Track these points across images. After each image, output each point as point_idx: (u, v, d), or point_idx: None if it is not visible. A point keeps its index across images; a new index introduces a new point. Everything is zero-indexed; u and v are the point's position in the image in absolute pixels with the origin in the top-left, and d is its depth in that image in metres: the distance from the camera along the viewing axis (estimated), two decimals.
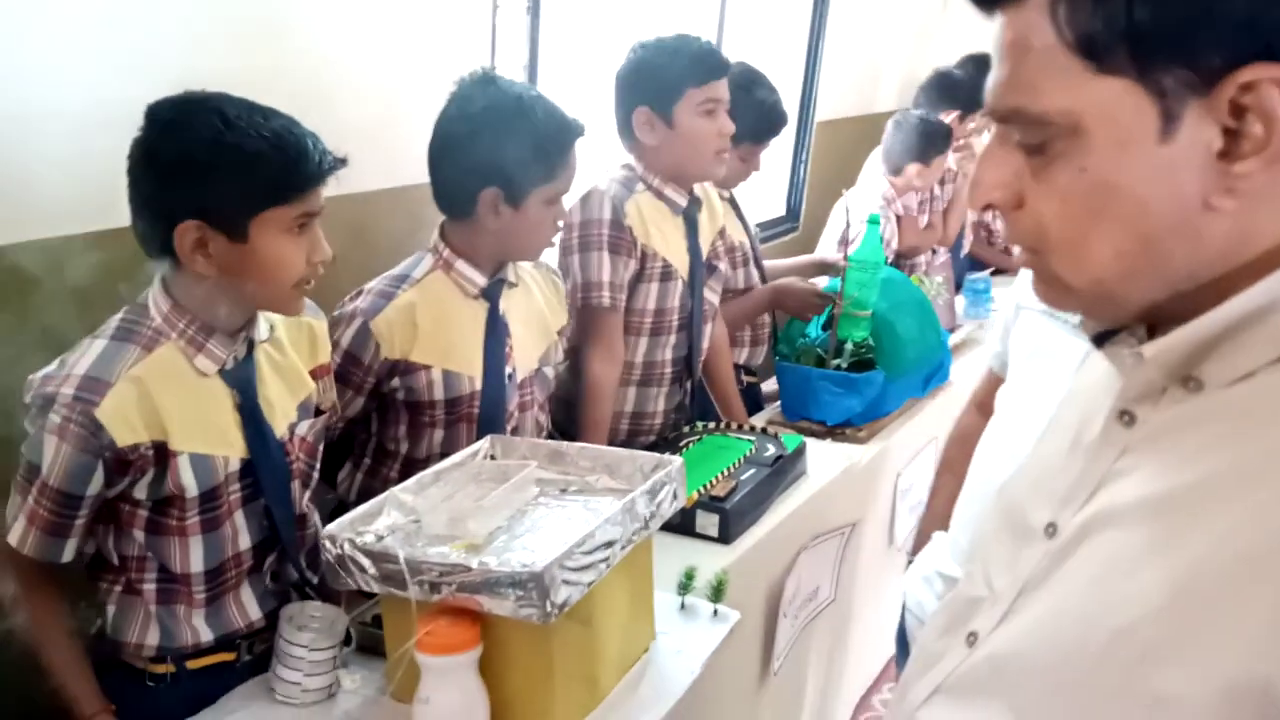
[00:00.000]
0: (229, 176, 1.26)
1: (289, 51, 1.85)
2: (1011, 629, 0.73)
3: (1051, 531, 0.73)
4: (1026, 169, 0.67)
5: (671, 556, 1.68)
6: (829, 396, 2.38)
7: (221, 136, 1.25)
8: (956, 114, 3.50)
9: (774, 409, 2.54)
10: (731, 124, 2.12)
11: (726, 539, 1.87)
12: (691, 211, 2.20)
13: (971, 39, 3.69)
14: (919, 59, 4.22)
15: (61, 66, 1.54)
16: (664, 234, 2.15)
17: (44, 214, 1.58)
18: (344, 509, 1.49)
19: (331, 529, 1.31)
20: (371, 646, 1.48)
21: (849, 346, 2.41)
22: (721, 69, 2.11)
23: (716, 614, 1.61)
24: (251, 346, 1.42)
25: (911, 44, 4.39)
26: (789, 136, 3.62)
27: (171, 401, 1.33)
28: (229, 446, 1.39)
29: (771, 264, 2.85)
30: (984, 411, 1.74)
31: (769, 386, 2.74)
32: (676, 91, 2.06)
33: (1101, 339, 0.74)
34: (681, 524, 1.85)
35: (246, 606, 1.46)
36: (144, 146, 1.28)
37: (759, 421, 2.39)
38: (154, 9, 1.63)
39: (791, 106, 3.54)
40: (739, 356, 2.66)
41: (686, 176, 2.16)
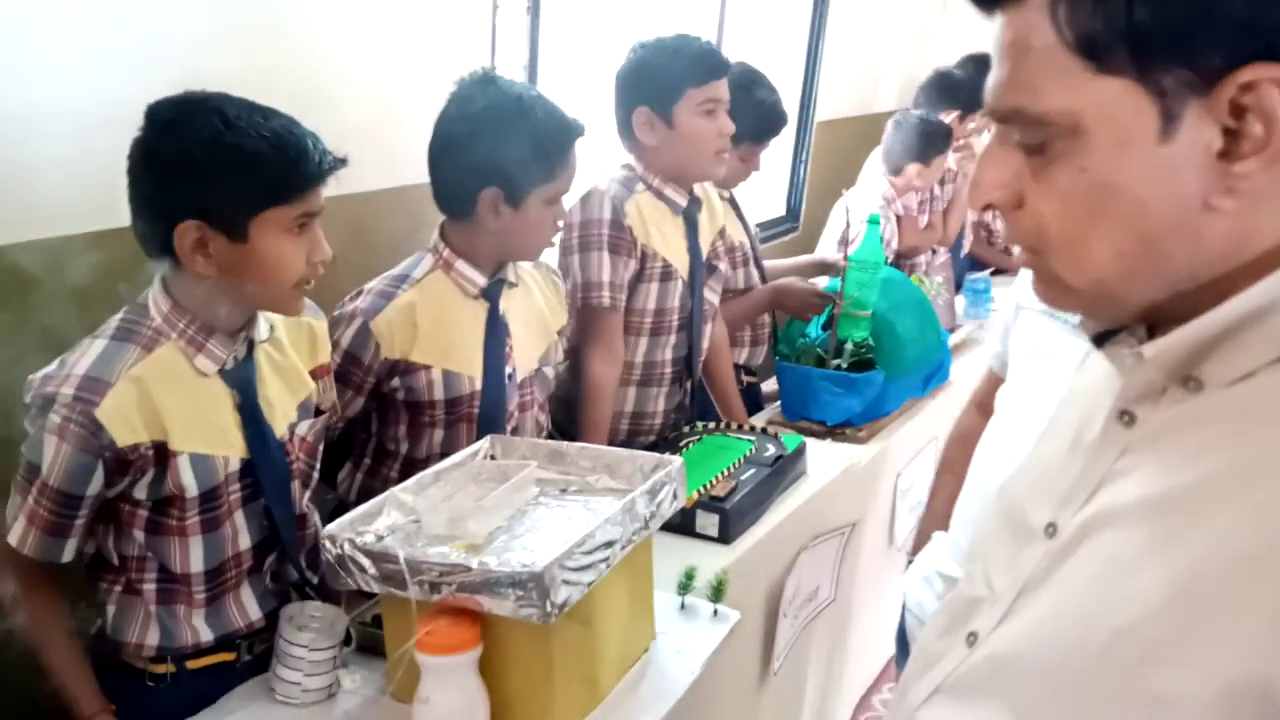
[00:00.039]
0: (229, 176, 1.26)
1: (289, 51, 1.85)
2: (1011, 629, 0.73)
3: (1051, 531, 0.72)
4: (1026, 169, 0.67)
5: (671, 556, 1.68)
6: (829, 396, 2.38)
7: (221, 136, 1.25)
8: (957, 114, 3.49)
9: (774, 409, 2.54)
10: (731, 124, 2.12)
11: (726, 539, 1.87)
12: (691, 211, 2.20)
13: (971, 39, 3.69)
14: (919, 59, 4.22)
15: (62, 66, 1.54)
16: (664, 234, 2.15)
17: (44, 214, 1.58)
18: (344, 509, 1.49)
19: (331, 529, 1.31)
20: (371, 646, 1.48)
21: (849, 346, 2.41)
22: (721, 69, 2.11)
23: (716, 614, 1.61)
24: (251, 346, 1.42)
25: (911, 44, 4.39)
26: (789, 136, 3.62)
27: (171, 401, 1.33)
28: (229, 446, 1.39)
29: (771, 264, 2.85)
30: (984, 411, 1.74)
31: (769, 386, 2.74)
32: (676, 91, 2.06)
33: (1102, 339, 0.74)
34: (681, 524, 1.85)
35: (246, 606, 1.46)
36: (144, 146, 1.28)
37: (759, 421, 2.38)
38: (154, 9, 1.63)
39: (791, 106, 3.54)
40: (739, 356, 2.66)
41: (686, 176, 2.16)
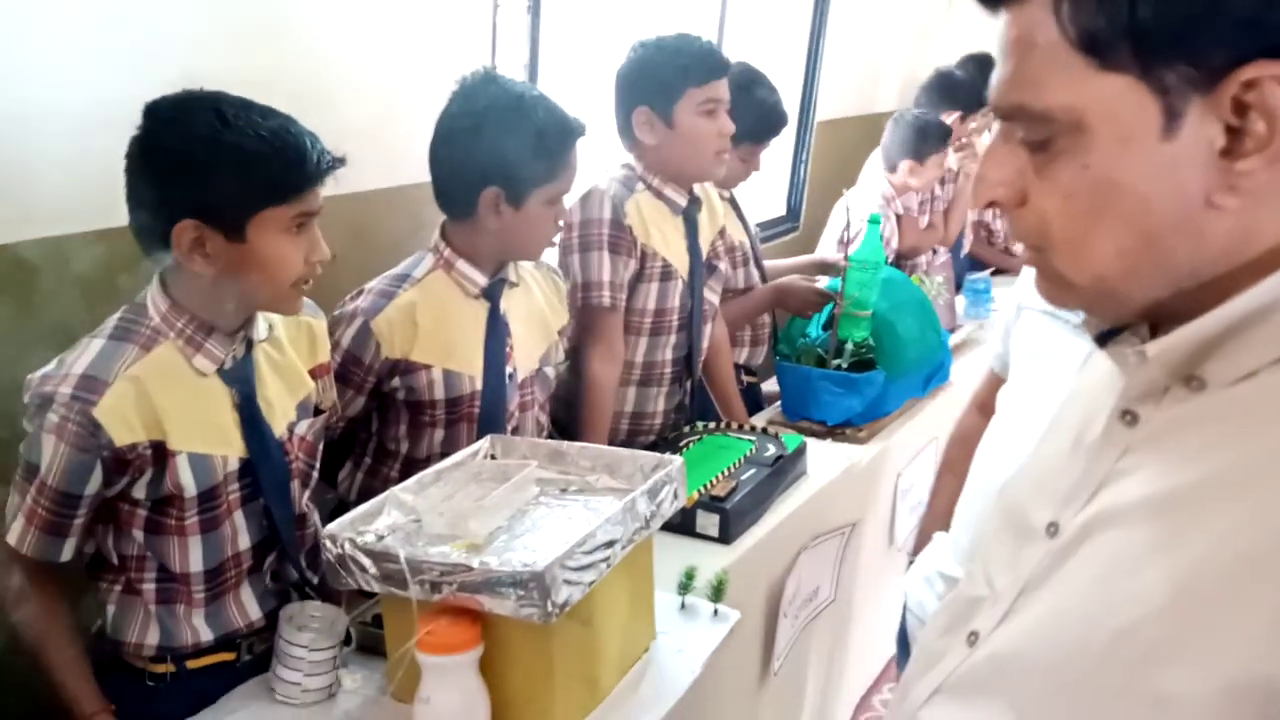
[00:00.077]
0: (226, 176, 1.26)
1: (289, 51, 1.85)
2: (1012, 628, 0.73)
3: (1053, 531, 0.72)
4: (1030, 166, 0.67)
5: (672, 556, 1.68)
6: (829, 396, 2.38)
7: (219, 136, 1.25)
8: (958, 114, 3.49)
9: (774, 409, 2.54)
10: (731, 124, 2.12)
11: (727, 539, 1.87)
12: (691, 211, 2.20)
13: (972, 38, 3.69)
14: (920, 59, 4.22)
15: (62, 65, 1.54)
16: (664, 234, 2.15)
17: (45, 212, 1.58)
18: (344, 508, 1.49)
19: (332, 528, 1.31)
20: (372, 646, 1.48)
21: (849, 346, 2.41)
22: (722, 69, 2.11)
23: (717, 614, 1.61)
24: (250, 346, 1.41)
25: (912, 44, 4.39)
26: (789, 136, 3.62)
27: (170, 401, 1.33)
28: (228, 446, 1.38)
29: (772, 264, 2.85)
30: (985, 412, 1.74)
31: (769, 386, 2.74)
32: (677, 91, 2.06)
33: (1104, 339, 0.74)
34: (682, 524, 1.85)
35: (246, 606, 1.46)
36: (142, 145, 1.28)
37: (759, 421, 2.38)
38: (154, 8, 1.63)
39: (792, 106, 3.54)
40: (739, 356, 2.66)
41: (686, 176, 2.16)
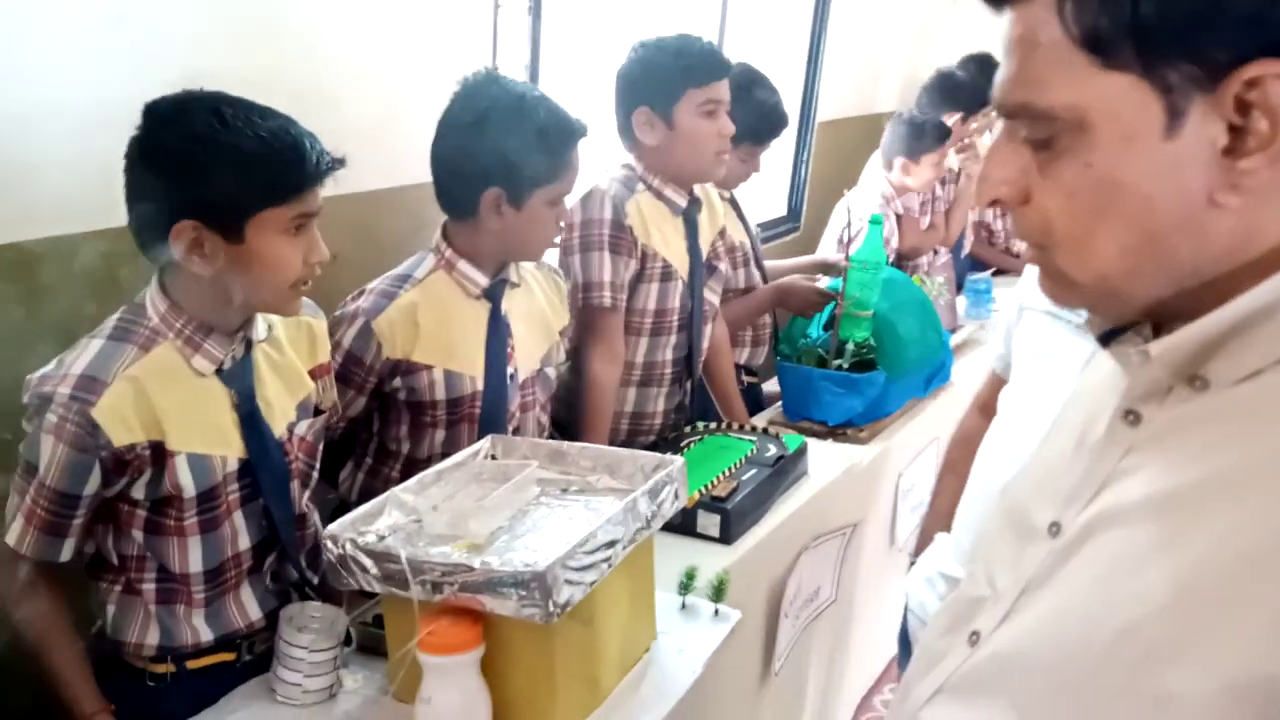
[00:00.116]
0: (225, 176, 1.26)
1: (290, 51, 1.84)
2: (1014, 628, 0.73)
3: (1055, 531, 0.72)
4: (1033, 165, 0.67)
5: (672, 556, 1.68)
6: (830, 397, 2.38)
7: (218, 136, 1.24)
8: (959, 115, 3.50)
9: (775, 409, 2.54)
10: (732, 125, 2.12)
11: (728, 539, 1.87)
12: (691, 212, 2.20)
13: (973, 38, 3.69)
14: (920, 59, 4.22)
15: (64, 65, 1.54)
16: (664, 234, 2.15)
17: (46, 212, 1.58)
18: (346, 509, 1.49)
19: (333, 529, 1.31)
20: (372, 646, 1.47)
21: (850, 347, 2.41)
22: (722, 70, 2.11)
23: (718, 614, 1.61)
24: (249, 346, 1.41)
25: (913, 44, 4.38)
26: (790, 136, 3.61)
27: (168, 401, 1.32)
28: (227, 446, 1.38)
29: (773, 264, 2.85)
30: (987, 413, 1.74)
31: (770, 387, 2.74)
32: (677, 92, 2.06)
33: (1108, 338, 0.74)
34: (683, 524, 1.85)
35: (246, 606, 1.46)
36: (141, 145, 1.28)
37: (760, 422, 2.38)
38: (155, 8, 1.63)
39: (793, 106, 3.55)
40: (740, 356, 2.66)
41: (686, 177, 2.16)
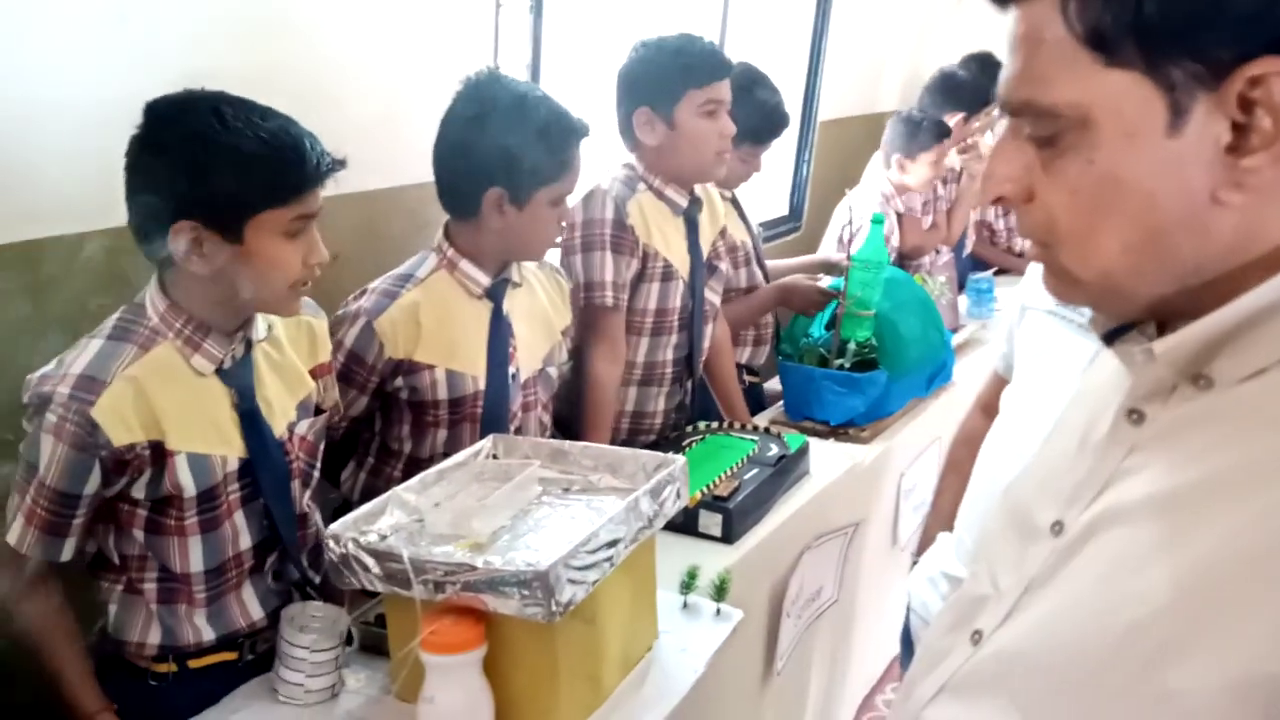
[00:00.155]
0: (224, 177, 1.25)
1: (292, 50, 1.84)
2: (1016, 627, 0.73)
3: (1058, 530, 0.72)
4: (1037, 162, 0.67)
5: (674, 556, 1.68)
6: (832, 396, 2.37)
7: (218, 136, 1.24)
8: (961, 115, 3.50)
9: (777, 409, 2.53)
10: (732, 125, 2.12)
11: (729, 538, 1.87)
12: (692, 212, 2.19)
13: (976, 37, 3.69)
14: (922, 58, 4.22)
15: (66, 63, 1.54)
16: (665, 234, 2.15)
17: (48, 211, 1.58)
18: (348, 508, 1.49)
19: (335, 528, 1.31)
20: (375, 646, 1.47)
21: (852, 346, 2.41)
22: (723, 70, 2.10)
23: (719, 613, 1.61)
24: (249, 346, 1.41)
25: (914, 42, 4.38)
26: (792, 136, 3.61)
27: (168, 401, 1.32)
28: (227, 446, 1.38)
29: (774, 264, 2.85)
30: (989, 413, 1.74)
31: (771, 386, 2.74)
32: (678, 92, 2.06)
33: (1111, 337, 0.73)
34: (684, 523, 1.85)
35: (248, 606, 1.46)
36: (141, 144, 1.28)
37: (762, 421, 2.38)
38: (157, 6, 1.63)
39: (794, 105, 3.54)
40: (741, 356, 2.66)
41: (686, 177, 2.16)
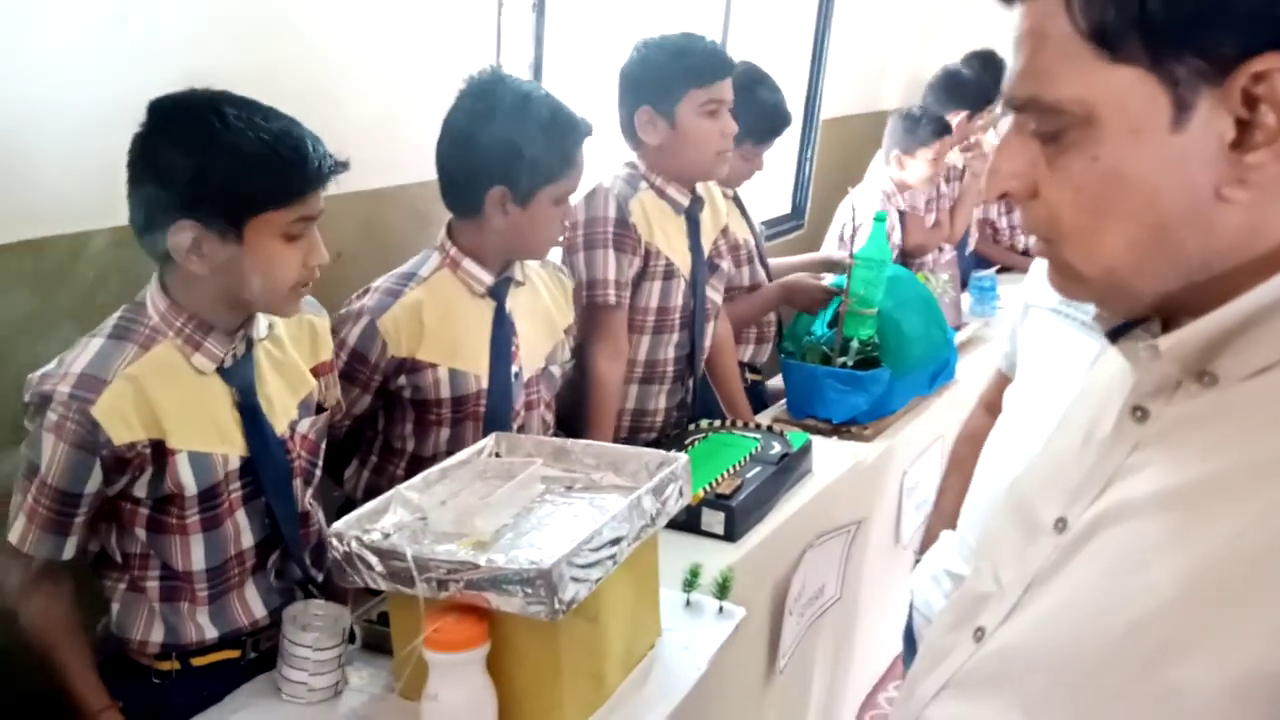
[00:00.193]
0: (224, 178, 1.25)
1: (294, 49, 1.84)
2: (1019, 624, 0.73)
3: (1061, 527, 0.72)
4: (1042, 158, 0.67)
5: (677, 554, 1.67)
6: (835, 394, 2.37)
7: (219, 137, 1.24)
8: (964, 114, 3.50)
9: (779, 407, 2.53)
10: (734, 124, 2.11)
11: (732, 536, 1.87)
12: (694, 211, 2.19)
13: (979, 34, 3.68)
14: (925, 55, 4.21)
15: (67, 64, 1.54)
16: (667, 233, 2.14)
17: (49, 211, 1.58)
18: (351, 506, 1.49)
19: (338, 526, 1.31)
20: (378, 644, 1.48)
21: (855, 344, 2.40)
22: (725, 69, 2.10)
23: (722, 611, 1.61)
24: (250, 344, 1.41)
25: (917, 40, 4.38)
26: (794, 134, 3.61)
27: (169, 400, 1.32)
28: (228, 444, 1.38)
29: (777, 262, 2.85)
30: (992, 412, 1.74)
31: (774, 384, 2.74)
32: (679, 92, 2.06)
33: (1116, 335, 0.73)
34: (687, 521, 1.85)
35: (251, 604, 1.46)
36: (142, 143, 1.28)
37: (764, 419, 2.38)
38: (159, 5, 1.63)
39: (797, 103, 3.54)
40: (744, 354, 2.66)
41: (688, 176, 2.16)
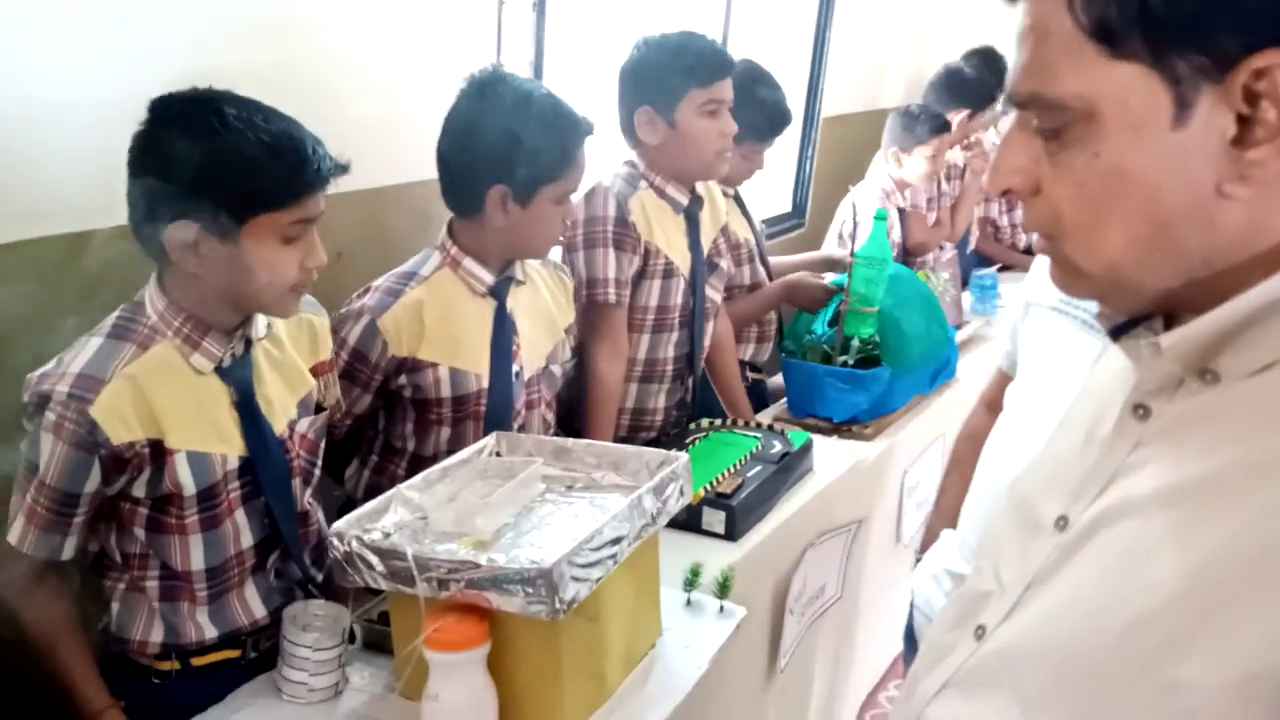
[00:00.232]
0: (223, 180, 1.25)
1: (295, 47, 1.84)
2: (1020, 622, 0.73)
3: (1062, 525, 0.72)
4: (1044, 155, 0.67)
5: (678, 553, 1.67)
6: (835, 393, 2.37)
7: (218, 137, 1.24)
8: (966, 113, 3.49)
9: (780, 406, 2.53)
10: (734, 124, 2.11)
11: (733, 536, 1.87)
12: (693, 210, 2.19)
13: (979, 32, 3.68)
14: (926, 53, 4.21)
15: (67, 63, 1.54)
16: (666, 232, 2.14)
17: (51, 210, 1.58)
18: (351, 506, 1.49)
19: (338, 526, 1.31)
20: (378, 644, 1.48)
21: (855, 343, 2.40)
22: (725, 69, 2.10)
23: (723, 610, 1.61)
24: (249, 344, 1.41)
25: (918, 38, 4.38)
26: (795, 132, 3.61)
27: (167, 399, 1.32)
28: (227, 444, 1.38)
29: (778, 260, 2.85)
30: (993, 410, 1.73)
31: (775, 383, 2.74)
32: (679, 92, 2.05)
33: (1118, 333, 0.73)
34: (688, 521, 1.85)
35: (250, 604, 1.46)
36: (141, 143, 1.27)
37: (765, 418, 2.38)
38: (159, 5, 1.63)
39: (797, 102, 3.54)
40: (745, 353, 2.66)
41: (687, 176, 2.16)
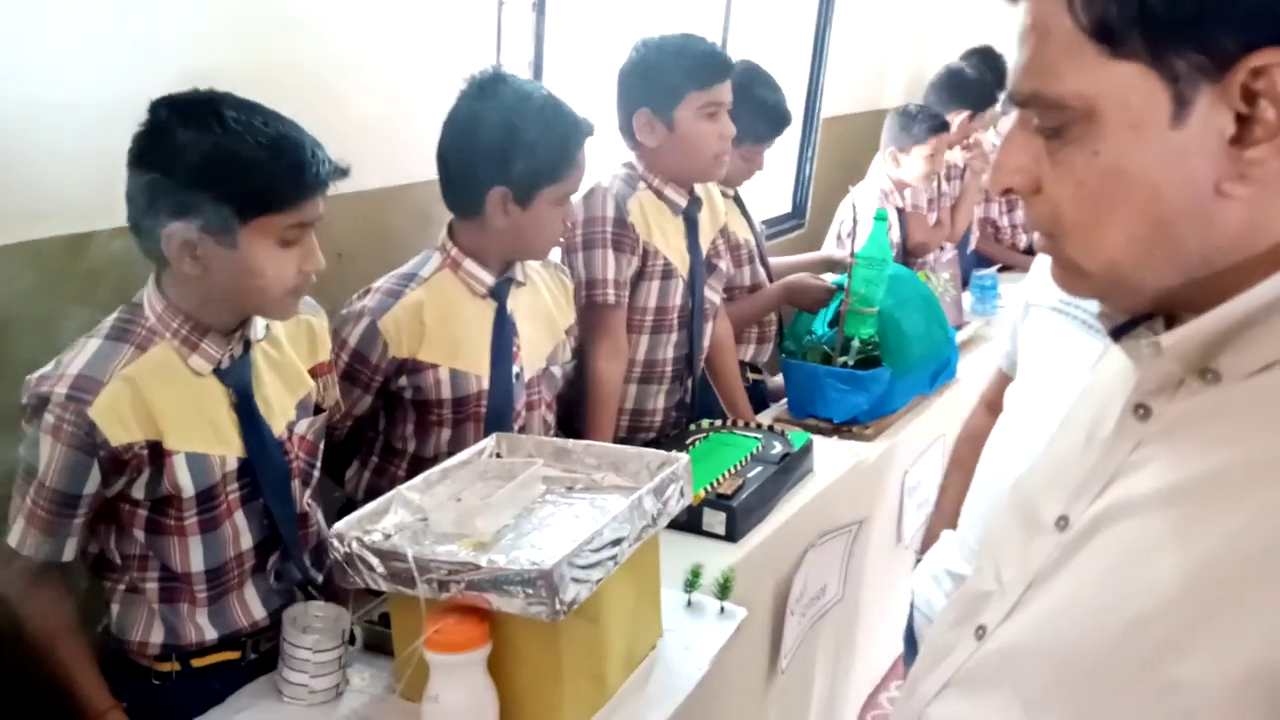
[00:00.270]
0: (221, 182, 1.24)
1: (295, 48, 1.84)
2: (1020, 622, 0.73)
3: (1063, 524, 0.72)
4: (1045, 153, 0.67)
5: (678, 554, 1.67)
6: (836, 394, 2.37)
7: (217, 140, 1.24)
8: (966, 113, 3.49)
9: (780, 406, 2.53)
10: (733, 127, 2.11)
11: (733, 537, 1.87)
12: (691, 211, 2.19)
13: (979, 32, 3.68)
14: (926, 53, 4.21)
15: (67, 63, 1.54)
16: (665, 233, 2.14)
17: (51, 211, 1.58)
18: (352, 507, 1.49)
19: (339, 527, 1.31)
20: (379, 645, 1.48)
21: (855, 344, 2.40)
22: (724, 71, 2.09)
23: (723, 611, 1.61)
24: (248, 345, 1.41)
25: (918, 38, 4.38)
26: (794, 133, 3.61)
27: (166, 401, 1.32)
28: (226, 446, 1.38)
29: (778, 261, 2.85)
30: (994, 411, 1.73)
31: (775, 384, 2.74)
32: (678, 94, 2.05)
33: (1119, 334, 0.73)
34: (688, 522, 1.84)
35: (250, 605, 1.46)
36: (140, 144, 1.27)
37: (765, 419, 2.38)
38: (159, 5, 1.63)
39: (797, 102, 3.54)
40: (745, 354, 2.66)
41: (686, 178, 2.16)
